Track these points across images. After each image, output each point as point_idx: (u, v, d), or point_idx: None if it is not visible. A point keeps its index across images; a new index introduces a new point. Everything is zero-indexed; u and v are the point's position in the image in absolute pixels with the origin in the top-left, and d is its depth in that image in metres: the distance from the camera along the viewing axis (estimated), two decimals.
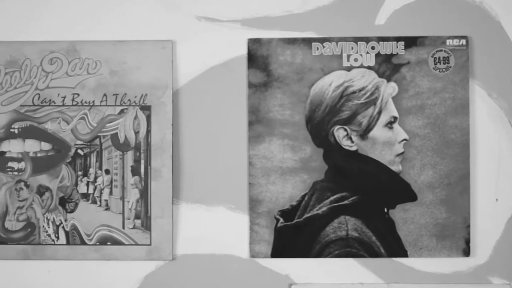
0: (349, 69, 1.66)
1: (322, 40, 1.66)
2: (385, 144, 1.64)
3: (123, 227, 1.67)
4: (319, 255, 1.64)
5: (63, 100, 1.67)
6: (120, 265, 1.67)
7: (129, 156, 1.67)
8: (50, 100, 1.67)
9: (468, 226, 1.64)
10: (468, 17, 1.66)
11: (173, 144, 1.66)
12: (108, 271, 1.67)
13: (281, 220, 1.65)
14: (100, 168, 1.67)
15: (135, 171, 1.67)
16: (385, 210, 1.64)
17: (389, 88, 1.65)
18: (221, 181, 1.66)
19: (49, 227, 1.67)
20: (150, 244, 1.66)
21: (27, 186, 1.67)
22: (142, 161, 1.67)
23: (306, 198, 1.65)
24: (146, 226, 1.66)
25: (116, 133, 1.67)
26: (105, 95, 1.67)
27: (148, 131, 1.66)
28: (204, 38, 1.67)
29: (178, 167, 1.67)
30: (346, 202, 1.64)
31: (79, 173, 1.67)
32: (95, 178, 1.67)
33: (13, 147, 1.67)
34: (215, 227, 1.67)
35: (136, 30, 1.67)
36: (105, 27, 1.67)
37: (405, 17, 1.66)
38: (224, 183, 1.66)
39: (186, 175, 1.67)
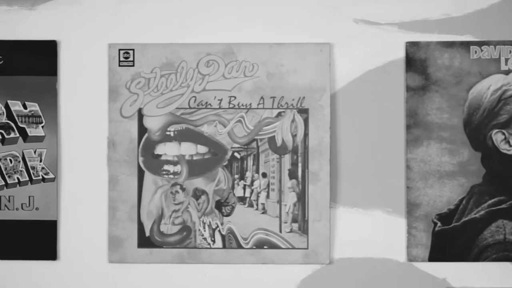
0: (507, 72, 1.65)
1: (480, 44, 1.65)
2: None
3: (280, 231, 1.66)
4: (476, 259, 1.64)
5: (220, 103, 1.66)
6: (276, 269, 1.66)
7: (287, 159, 1.66)
8: (206, 102, 1.66)
9: None
10: None
11: (330, 147, 1.65)
12: (264, 275, 1.66)
13: (439, 224, 1.65)
14: (257, 172, 1.66)
15: (292, 175, 1.66)
16: None
17: None
18: (379, 185, 1.66)
19: (205, 231, 1.66)
20: (307, 248, 1.65)
21: (183, 189, 1.66)
22: (300, 165, 1.66)
23: (464, 202, 1.65)
24: (303, 229, 1.65)
25: (273, 136, 1.66)
26: (262, 98, 1.66)
27: (306, 134, 1.66)
28: (362, 41, 1.66)
29: (335, 171, 1.66)
30: (503, 206, 1.64)
31: (236, 176, 1.66)
32: (252, 181, 1.66)
33: (168, 150, 1.66)
34: (372, 230, 1.66)
35: (293, 32, 1.66)
36: (262, 29, 1.66)
37: None
38: (382, 187, 1.66)
39: (343, 178, 1.66)
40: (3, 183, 1.66)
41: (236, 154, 1.66)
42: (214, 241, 1.65)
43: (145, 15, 1.67)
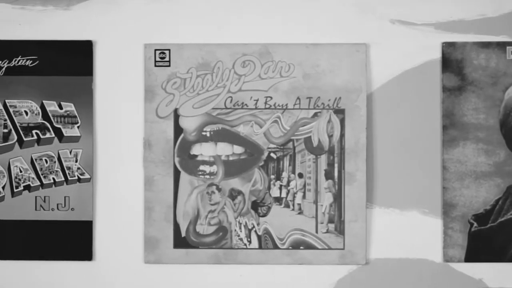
0: None
1: None
2: None
3: (316, 231, 1.66)
4: None
5: (256, 103, 1.66)
6: (312, 269, 1.66)
7: (323, 159, 1.66)
8: (242, 103, 1.66)
9: None
10: None
11: (366, 148, 1.65)
12: (301, 275, 1.66)
13: (475, 224, 1.65)
14: (293, 172, 1.66)
15: (328, 175, 1.66)
16: None
17: None
18: (415, 185, 1.66)
19: (241, 231, 1.66)
20: (343, 248, 1.65)
21: (219, 189, 1.66)
22: (336, 165, 1.66)
23: (500, 202, 1.65)
24: (340, 230, 1.65)
25: (310, 137, 1.66)
26: (298, 98, 1.66)
27: (342, 135, 1.65)
28: (398, 42, 1.66)
29: (371, 171, 1.66)
30: None
31: (272, 176, 1.66)
32: (288, 182, 1.66)
33: (205, 150, 1.66)
34: (408, 231, 1.66)
35: (330, 33, 1.66)
36: (298, 29, 1.66)
37: None
38: (418, 187, 1.66)
39: (379, 179, 1.66)
40: (39, 183, 1.66)
41: (272, 154, 1.66)
42: (250, 242, 1.65)
43: (181, 15, 1.66)
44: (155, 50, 1.66)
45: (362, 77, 1.65)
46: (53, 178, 1.66)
